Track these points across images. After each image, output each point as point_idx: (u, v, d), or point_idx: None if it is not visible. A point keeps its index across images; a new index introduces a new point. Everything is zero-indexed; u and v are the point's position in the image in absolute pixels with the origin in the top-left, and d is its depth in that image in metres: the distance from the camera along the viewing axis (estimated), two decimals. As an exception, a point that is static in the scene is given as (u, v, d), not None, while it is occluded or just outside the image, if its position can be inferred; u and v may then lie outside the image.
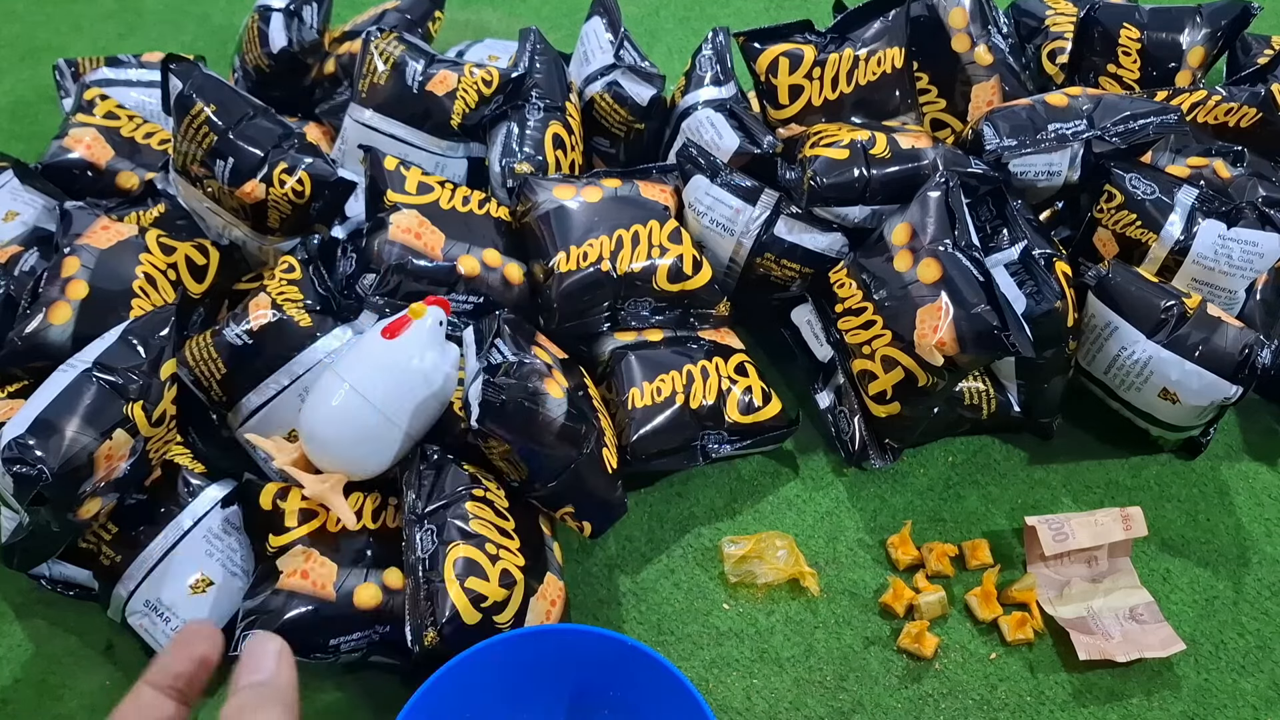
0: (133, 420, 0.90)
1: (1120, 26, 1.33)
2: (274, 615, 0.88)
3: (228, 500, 0.98)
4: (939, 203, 1.05)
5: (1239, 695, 0.96)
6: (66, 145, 1.26)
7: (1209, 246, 1.10)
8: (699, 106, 1.26)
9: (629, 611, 1.01)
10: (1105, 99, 1.16)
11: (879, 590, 1.02)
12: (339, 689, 0.96)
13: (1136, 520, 1.01)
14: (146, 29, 1.77)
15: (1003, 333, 0.98)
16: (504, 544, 0.90)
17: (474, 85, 1.25)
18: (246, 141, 1.10)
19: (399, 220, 1.09)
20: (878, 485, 1.12)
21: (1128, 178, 1.14)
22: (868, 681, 0.96)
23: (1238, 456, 1.15)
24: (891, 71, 1.24)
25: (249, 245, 1.17)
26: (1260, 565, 1.05)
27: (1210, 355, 1.02)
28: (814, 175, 1.11)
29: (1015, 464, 1.14)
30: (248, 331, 1.02)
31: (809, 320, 1.18)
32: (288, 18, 1.37)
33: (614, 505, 1.00)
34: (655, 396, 1.06)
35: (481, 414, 0.90)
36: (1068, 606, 1.00)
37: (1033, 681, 0.96)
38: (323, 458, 0.94)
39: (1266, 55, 1.41)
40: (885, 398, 1.07)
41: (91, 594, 0.98)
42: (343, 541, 0.93)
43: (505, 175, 1.21)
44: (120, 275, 1.07)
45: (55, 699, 0.96)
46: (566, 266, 1.09)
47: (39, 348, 1.03)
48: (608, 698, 0.85)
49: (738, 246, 1.15)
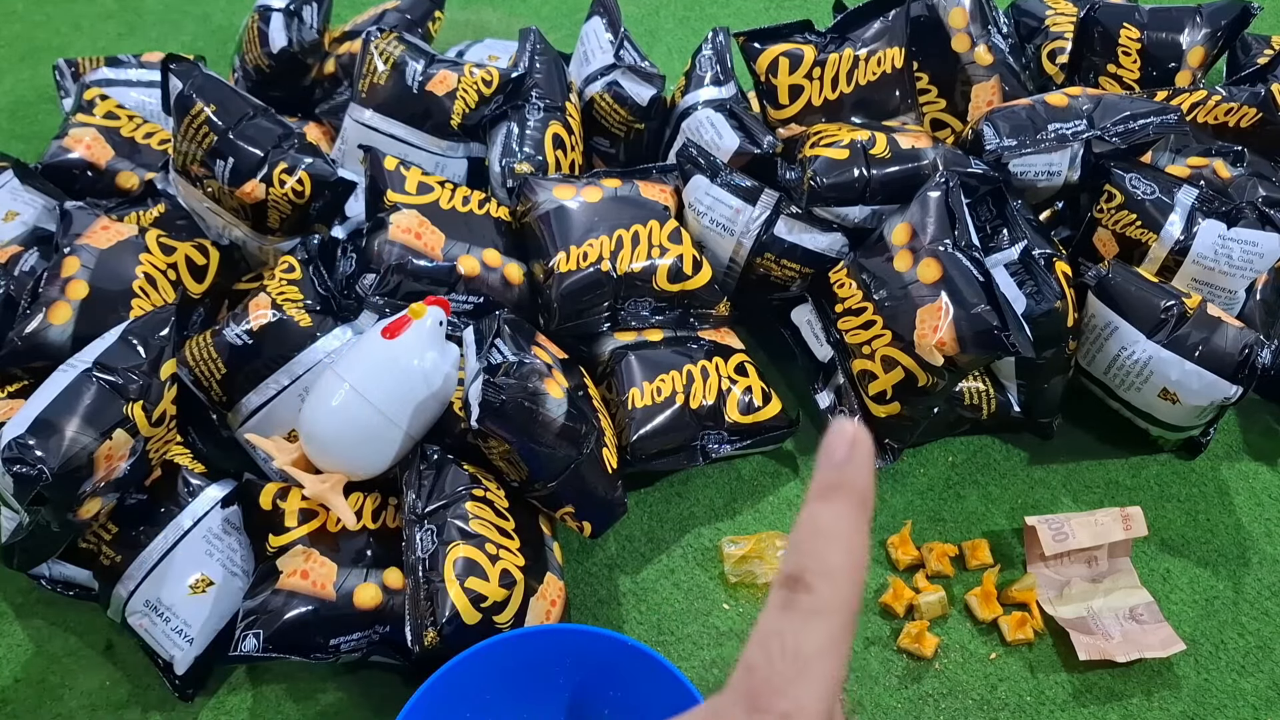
0: (133, 420, 0.90)
1: (1120, 26, 1.33)
2: (274, 615, 0.88)
3: (228, 500, 0.98)
4: (939, 203, 1.05)
5: (1239, 695, 0.95)
6: (66, 145, 1.26)
7: (1209, 246, 1.10)
8: (699, 106, 1.26)
9: (629, 611, 1.01)
10: (1105, 99, 1.16)
11: (879, 590, 1.02)
12: (339, 689, 0.96)
13: (1136, 520, 1.01)
14: (146, 29, 1.77)
15: (1003, 333, 0.98)
16: (504, 544, 0.90)
17: (474, 85, 1.25)
18: (246, 141, 1.10)
19: (399, 220, 1.09)
20: (878, 485, 1.12)
21: (1128, 178, 1.14)
22: (868, 681, 0.96)
23: (1238, 456, 1.15)
24: (891, 71, 1.24)
25: (249, 245, 1.17)
26: (1260, 565, 1.05)
27: (1210, 355, 1.02)
28: (814, 175, 1.11)
29: (1015, 464, 1.14)
30: (248, 331, 1.02)
31: (809, 320, 1.18)
32: (288, 18, 1.37)
33: (614, 505, 1.00)
34: (655, 396, 1.06)
35: (481, 414, 0.90)
36: (1068, 606, 1.00)
37: (1033, 681, 0.96)
38: (323, 458, 0.94)
39: (1266, 55, 1.41)
40: (885, 398, 1.07)
41: (91, 594, 0.98)
42: (343, 541, 0.93)
43: (505, 175, 1.21)
44: (120, 275, 1.07)
45: (55, 699, 0.96)
46: (566, 266, 1.09)
47: (39, 348, 1.03)
48: (608, 698, 0.85)
49: (738, 246, 1.15)
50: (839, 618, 0.27)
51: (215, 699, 0.95)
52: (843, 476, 0.29)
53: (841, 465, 0.29)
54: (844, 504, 0.29)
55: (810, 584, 0.27)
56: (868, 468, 0.29)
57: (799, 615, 0.27)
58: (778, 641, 0.27)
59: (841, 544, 0.28)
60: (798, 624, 0.27)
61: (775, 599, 0.28)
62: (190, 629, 0.93)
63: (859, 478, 0.29)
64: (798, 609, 0.27)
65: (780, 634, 0.27)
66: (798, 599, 0.27)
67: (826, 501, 0.29)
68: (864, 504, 0.29)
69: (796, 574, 0.28)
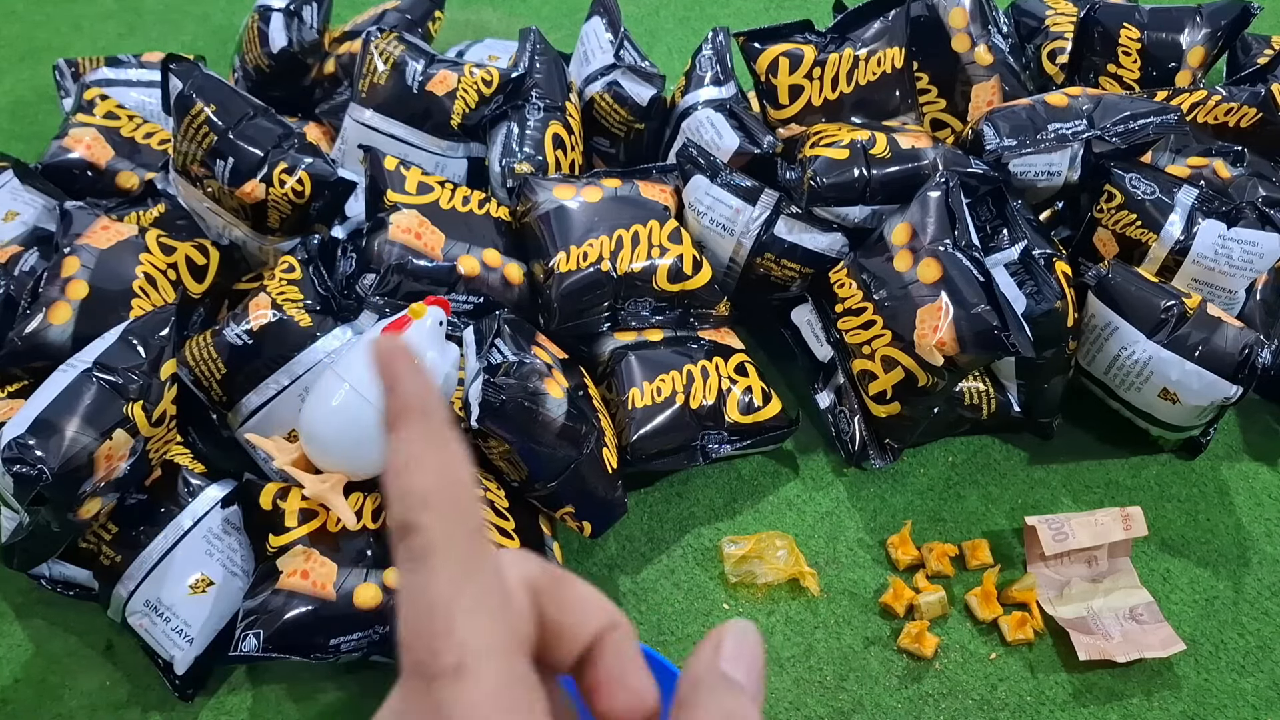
0: (133, 420, 0.90)
1: (1120, 26, 1.33)
2: (274, 615, 0.88)
3: (228, 500, 0.98)
4: (939, 203, 1.05)
5: (1239, 695, 0.95)
6: (66, 145, 1.26)
7: (1209, 246, 1.10)
8: (699, 106, 1.26)
9: (629, 611, 1.01)
10: (1105, 99, 1.16)
11: (879, 590, 1.02)
12: (339, 689, 0.96)
13: (1136, 520, 1.01)
14: (146, 29, 1.77)
15: (1003, 333, 0.98)
16: (504, 544, 0.90)
17: (474, 85, 1.25)
18: (246, 141, 1.10)
19: (399, 220, 1.09)
20: (878, 485, 1.12)
21: (1128, 178, 1.14)
22: (868, 681, 0.96)
23: (1238, 456, 1.15)
24: (891, 71, 1.24)
25: (249, 245, 1.17)
26: (1260, 565, 1.05)
27: (1210, 355, 1.02)
28: (814, 175, 1.11)
29: (1015, 464, 1.14)
30: (248, 331, 1.02)
31: (809, 320, 1.18)
32: (288, 18, 1.37)
33: (614, 505, 1.00)
34: (655, 396, 1.06)
35: (481, 414, 0.90)
36: (1068, 606, 1.00)
37: (1033, 681, 0.96)
38: (323, 458, 0.94)
39: (1266, 55, 1.41)
40: (885, 398, 1.07)
41: (91, 594, 0.98)
42: (343, 541, 0.93)
43: (505, 175, 1.21)
44: (120, 275, 1.07)
45: (55, 699, 0.96)
46: (566, 266, 1.09)
47: (39, 348, 1.03)
48: (608, 698, 0.84)
49: (738, 246, 1.15)
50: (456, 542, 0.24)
51: (215, 699, 0.95)
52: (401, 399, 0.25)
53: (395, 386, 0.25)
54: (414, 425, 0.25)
55: (414, 523, 0.24)
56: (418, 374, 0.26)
57: (416, 562, 0.24)
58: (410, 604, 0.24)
59: (426, 466, 0.25)
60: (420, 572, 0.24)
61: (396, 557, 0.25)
62: (190, 629, 0.93)
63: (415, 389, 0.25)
64: (413, 556, 0.24)
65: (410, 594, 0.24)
66: (410, 545, 0.24)
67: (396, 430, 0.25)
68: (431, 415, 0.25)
69: (401, 520, 0.25)
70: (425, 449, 0.25)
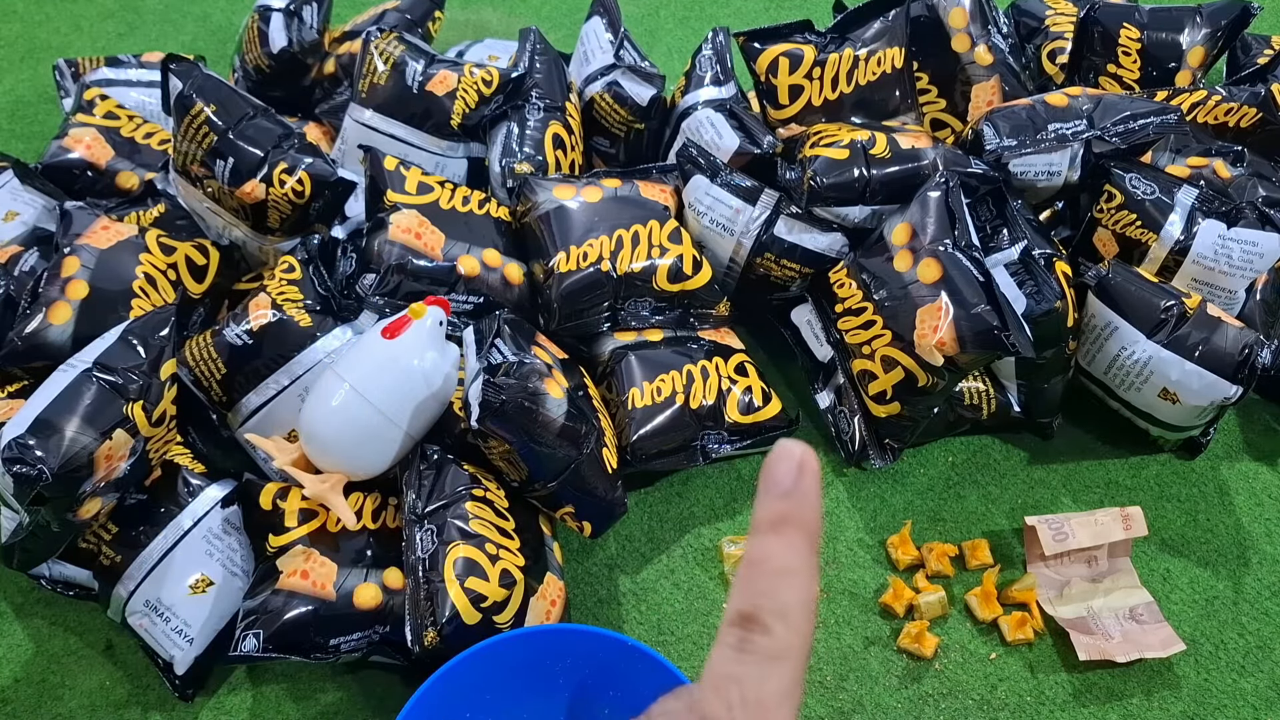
0: (133, 420, 0.90)
1: (1120, 26, 1.33)
2: (274, 615, 0.88)
3: (228, 500, 0.98)
4: (939, 203, 1.05)
5: (1239, 695, 0.96)
6: (66, 145, 1.26)
7: (1209, 246, 1.10)
8: (699, 106, 1.26)
9: (629, 611, 1.01)
10: (1105, 99, 1.16)
11: (879, 590, 1.02)
12: (339, 689, 0.96)
13: (1136, 520, 1.01)
14: (146, 29, 1.77)
15: (1003, 333, 0.98)
16: (504, 544, 0.90)
17: (474, 85, 1.25)
18: (246, 141, 1.10)
19: (399, 220, 1.09)
20: (878, 485, 1.12)
21: (1128, 178, 1.14)
22: (868, 681, 0.96)
23: (1238, 456, 1.15)
24: (891, 71, 1.24)
25: (249, 245, 1.17)
26: (1260, 565, 1.05)
27: (1210, 355, 1.02)
28: (814, 175, 1.11)
29: (1015, 464, 1.14)
30: (248, 331, 1.02)
31: (809, 320, 1.18)
32: (288, 18, 1.37)
33: (614, 505, 1.00)
34: (655, 396, 1.06)
35: (481, 414, 0.90)
36: (1068, 606, 1.00)
37: (1033, 681, 0.96)
38: (323, 458, 0.94)
39: (1266, 55, 1.41)
40: (885, 398, 1.07)
41: (91, 594, 0.98)
42: (343, 541, 0.93)
43: (505, 175, 1.21)
44: (120, 275, 1.07)
45: (55, 699, 0.96)
46: (566, 266, 1.09)
47: (39, 348, 1.03)
48: (608, 698, 0.84)
49: (738, 246, 1.15)
50: (796, 660, 0.26)
51: (215, 699, 0.95)
52: (791, 507, 0.27)
53: (789, 494, 0.27)
54: (795, 537, 0.27)
55: (767, 624, 0.26)
56: (816, 495, 0.27)
57: (756, 659, 0.25)
58: (736, 690, 0.25)
59: (795, 581, 0.26)
60: (755, 669, 0.25)
61: (728, 638, 0.26)
62: (190, 629, 0.93)
63: (808, 507, 0.27)
64: (755, 652, 0.26)
65: (739, 681, 0.25)
66: (754, 641, 0.26)
67: (777, 534, 0.27)
68: (814, 536, 0.27)
69: (751, 613, 0.26)
70: (800, 564, 0.27)
